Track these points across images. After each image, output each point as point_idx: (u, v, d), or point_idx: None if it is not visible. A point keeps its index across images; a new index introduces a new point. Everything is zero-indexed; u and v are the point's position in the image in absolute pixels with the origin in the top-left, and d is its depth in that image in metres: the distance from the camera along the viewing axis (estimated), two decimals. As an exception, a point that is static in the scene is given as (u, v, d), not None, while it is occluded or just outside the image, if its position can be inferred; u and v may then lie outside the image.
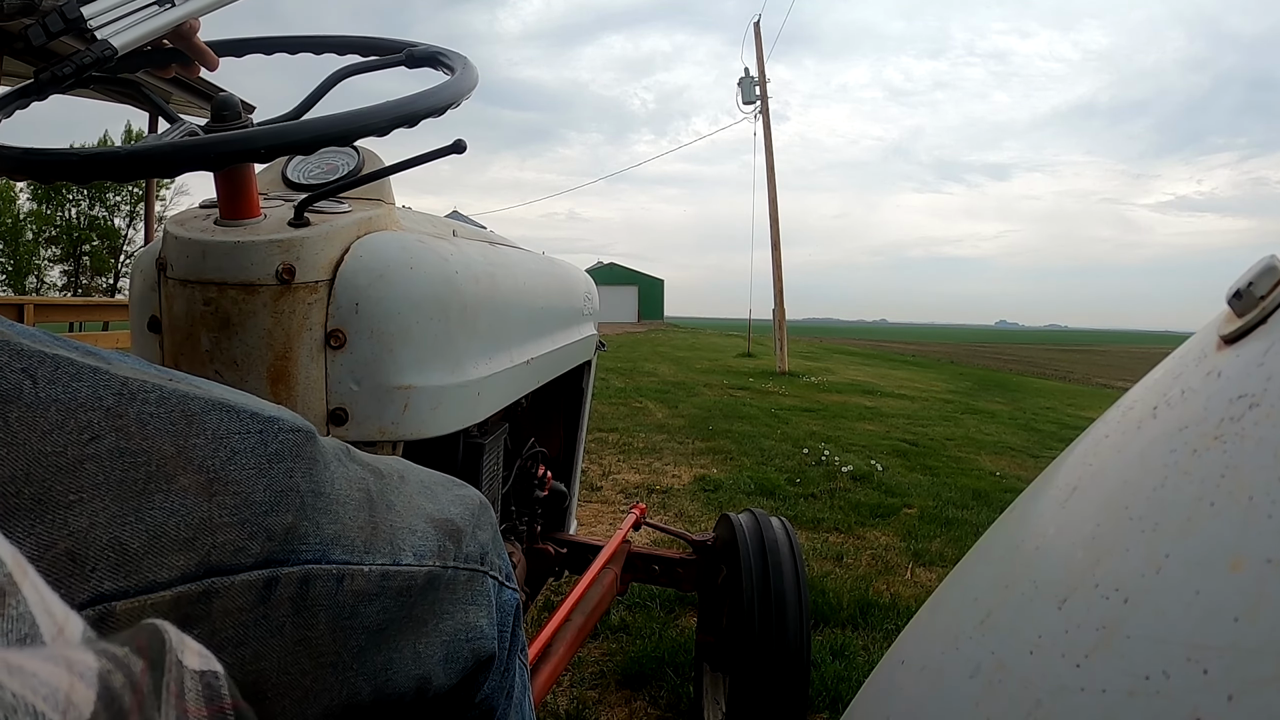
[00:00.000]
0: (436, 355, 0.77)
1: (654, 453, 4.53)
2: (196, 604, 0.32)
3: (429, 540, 0.48)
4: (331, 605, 0.40)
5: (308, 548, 0.38)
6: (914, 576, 2.63)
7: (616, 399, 6.96)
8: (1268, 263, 0.27)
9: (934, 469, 4.53)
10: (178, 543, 0.31)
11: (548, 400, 1.50)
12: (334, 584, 0.40)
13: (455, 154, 0.71)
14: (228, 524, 0.34)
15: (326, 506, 0.40)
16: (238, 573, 0.34)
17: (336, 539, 0.40)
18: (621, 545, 1.59)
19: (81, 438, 0.29)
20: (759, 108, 12.80)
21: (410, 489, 0.50)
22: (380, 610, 0.44)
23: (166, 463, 0.32)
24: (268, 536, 0.36)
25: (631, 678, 1.83)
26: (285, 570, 0.37)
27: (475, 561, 0.54)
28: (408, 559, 0.46)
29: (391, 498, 0.47)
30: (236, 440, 0.35)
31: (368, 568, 0.42)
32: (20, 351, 0.29)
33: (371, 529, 0.43)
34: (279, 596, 0.36)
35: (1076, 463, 0.32)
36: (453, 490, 0.56)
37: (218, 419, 0.35)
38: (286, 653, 0.37)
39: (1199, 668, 0.19)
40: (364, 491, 0.44)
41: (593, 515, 3.09)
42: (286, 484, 0.37)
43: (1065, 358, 33.27)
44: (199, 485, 0.33)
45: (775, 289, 12.68)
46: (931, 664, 0.31)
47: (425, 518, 0.49)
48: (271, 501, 0.36)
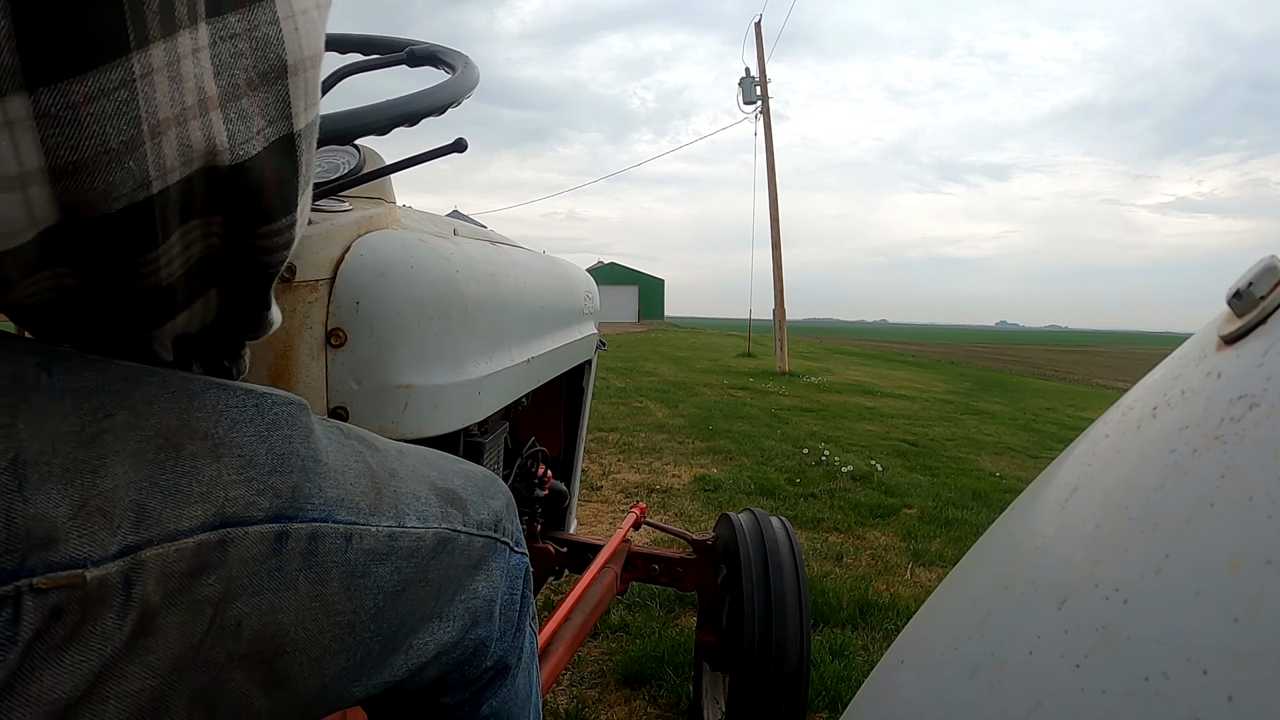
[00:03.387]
0: (437, 354, 0.77)
1: (654, 452, 4.54)
2: (214, 551, 0.35)
3: (432, 506, 0.51)
4: (342, 563, 0.43)
5: (313, 507, 0.41)
6: (913, 576, 2.64)
7: (617, 398, 6.96)
8: (1268, 263, 0.27)
9: (934, 469, 4.54)
10: (192, 498, 0.35)
11: (548, 399, 1.50)
12: (343, 542, 0.43)
13: (456, 153, 0.71)
14: (235, 481, 0.37)
15: (326, 472, 0.43)
16: (250, 524, 0.37)
17: (340, 501, 0.43)
18: (621, 545, 1.59)
19: (97, 416, 0.33)
20: (760, 108, 12.80)
21: (411, 460, 0.53)
22: (393, 571, 0.47)
23: (174, 434, 0.35)
24: (274, 494, 0.39)
25: (631, 677, 1.83)
26: (294, 525, 0.40)
27: (489, 528, 0.57)
28: (413, 521, 0.49)
29: (393, 466, 0.50)
30: (235, 412, 0.39)
31: (374, 528, 0.45)
32: (34, 349, 0.33)
33: (375, 494, 0.46)
34: (290, 550, 0.39)
35: (1076, 463, 0.32)
36: (454, 464, 0.59)
37: (215, 395, 0.38)
38: (302, 607, 0.41)
39: (1199, 668, 0.19)
40: (361, 462, 0.47)
41: (592, 514, 3.10)
42: (286, 449, 0.40)
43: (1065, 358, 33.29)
44: (206, 450, 0.36)
45: (776, 289, 12.69)
46: (931, 664, 0.31)
47: (428, 485, 0.52)
48: (274, 464, 0.39)
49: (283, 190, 0.37)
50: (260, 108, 0.34)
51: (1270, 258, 0.27)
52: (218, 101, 0.32)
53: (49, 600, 0.29)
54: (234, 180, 0.35)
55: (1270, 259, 0.27)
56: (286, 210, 0.38)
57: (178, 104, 0.31)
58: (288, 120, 0.36)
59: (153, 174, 0.31)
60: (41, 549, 0.29)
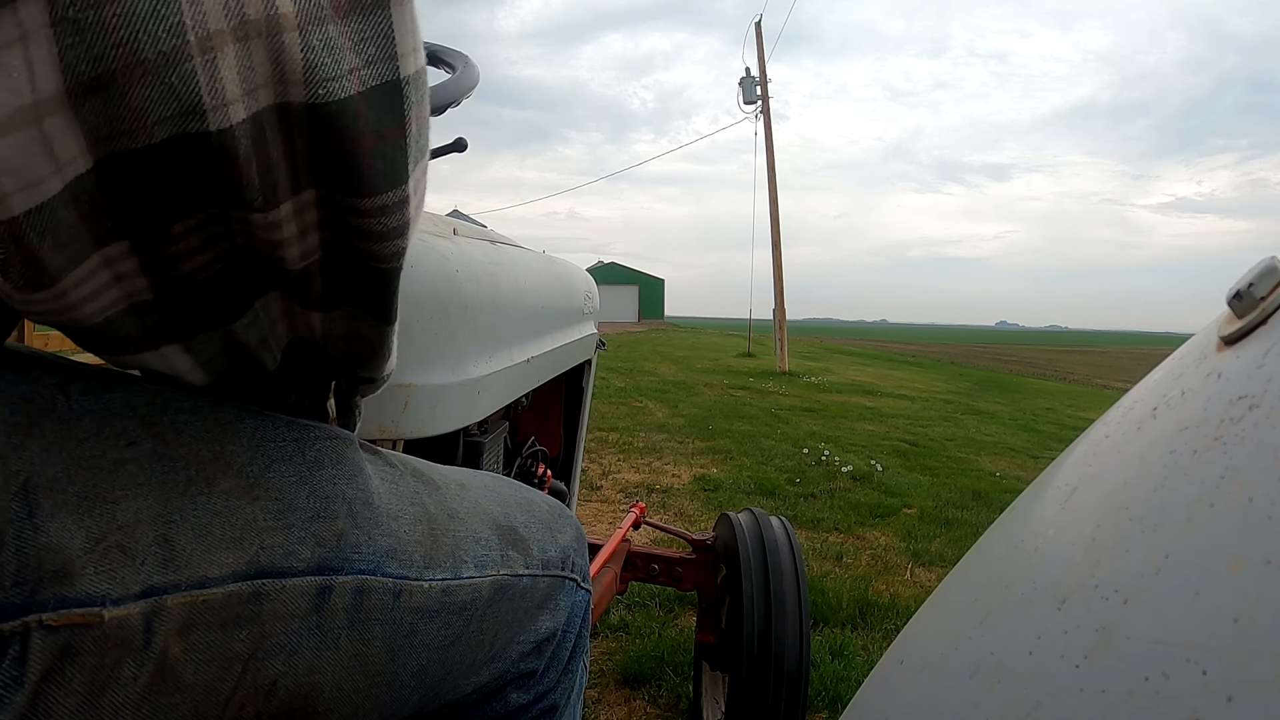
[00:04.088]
0: (437, 353, 0.76)
1: (654, 452, 4.54)
2: (247, 604, 0.32)
3: (492, 550, 0.46)
4: (389, 621, 0.38)
5: (360, 558, 0.37)
6: (913, 577, 2.64)
7: (616, 398, 6.96)
8: (1268, 264, 0.27)
9: (934, 469, 4.54)
10: (224, 541, 0.31)
11: (548, 399, 1.50)
12: (391, 599, 0.38)
13: (456, 153, 0.71)
14: (273, 527, 0.33)
15: (377, 518, 0.38)
16: (289, 576, 0.33)
17: (392, 552, 0.39)
18: (621, 544, 1.59)
19: (119, 442, 0.29)
20: (760, 107, 12.80)
21: (473, 495, 0.48)
22: (442, 627, 0.42)
23: (205, 466, 0.32)
24: (318, 543, 0.35)
25: (631, 677, 1.83)
26: (339, 579, 0.36)
27: (556, 566, 0.52)
28: (469, 571, 0.44)
29: (453, 505, 0.45)
30: (273, 447, 0.35)
31: (428, 583, 0.40)
32: (54, 367, 0.30)
33: (431, 542, 0.41)
34: (333, 606, 0.35)
35: (1076, 463, 0.32)
36: (520, 494, 0.54)
37: (252, 426, 0.35)
38: (342, 667, 0.37)
39: (1198, 669, 0.19)
40: (418, 505, 0.42)
41: (592, 514, 3.09)
42: (331, 491, 0.36)
43: (1065, 359, 33.29)
44: (240, 488, 0.32)
45: (776, 289, 12.68)
46: (931, 664, 0.31)
47: (490, 524, 0.47)
48: (317, 508, 0.35)
49: (386, 152, 0.29)
50: (353, 40, 0.27)
51: (1270, 259, 0.27)
52: (295, 21, 0.26)
53: (60, 639, 0.26)
54: (318, 128, 0.27)
55: (1270, 260, 0.27)
56: (394, 182, 0.30)
57: (235, 14, 0.24)
58: (391, 61, 0.28)
59: (206, 99, 0.24)
60: (54, 583, 0.26)
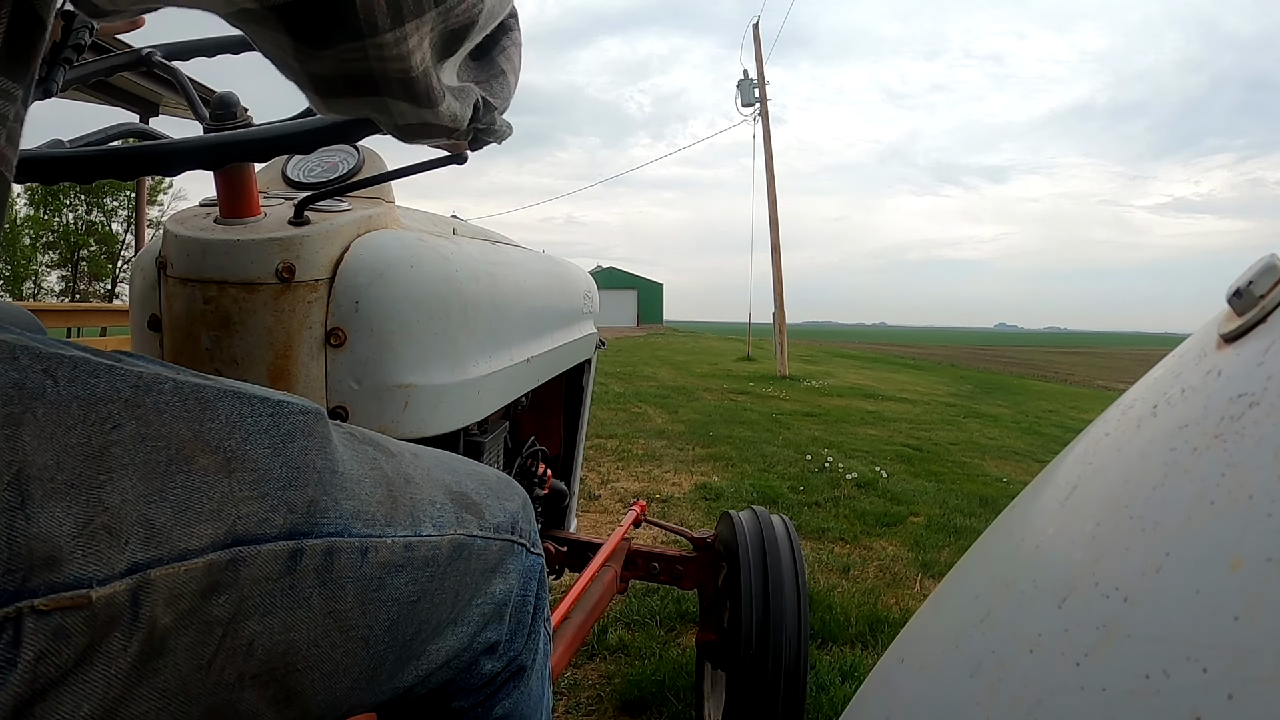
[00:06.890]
0: (437, 354, 0.77)
1: (653, 459, 4.50)
2: (226, 571, 0.35)
3: (447, 511, 0.50)
4: (358, 578, 0.42)
5: (329, 521, 0.40)
6: (923, 589, 2.52)
7: (615, 404, 6.95)
8: (1268, 262, 0.27)
9: (939, 475, 4.48)
10: (203, 515, 0.34)
11: (548, 399, 1.50)
12: (358, 556, 0.42)
13: (456, 164, 0.71)
14: (249, 497, 0.36)
15: (342, 484, 0.42)
16: (263, 543, 0.36)
17: (356, 513, 0.42)
18: (621, 543, 1.58)
19: (104, 427, 0.31)
20: (758, 110, 12.81)
21: (426, 464, 0.52)
22: (409, 581, 0.46)
23: (185, 446, 0.34)
24: (289, 509, 0.38)
25: (630, 703, 1.73)
26: (309, 542, 0.39)
27: (506, 531, 0.56)
28: (428, 530, 0.48)
29: (408, 471, 0.49)
30: (250, 423, 0.37)
31: (390, 539, 0.44)
32: (40, 354, 0.31)
33: (391, 503, 0.45)
34: (304, 567, 0.38)
35: (1076, 461, 0.32)
36: (468, 466, 0.59)
37: (230, 405, 0.37)
38: (315, 625, 0.40)
39: (1199, 666, 0.19)
40: (377, 470, 0.46)
41: (591, 524, 3.03)
42: (302, 461, 0.39)
43: (1065, 360, 33.30)
44: (217, 464, 0.35)
45: (775, 292, 12.69)
46: (931, 663, 0.31)
47: (444, 490, 0.51)
48: (289, 478, 0.38)
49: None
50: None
51: (1270, 256, 0.27)
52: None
53: (52, 622, 0.28)
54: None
55: (1270, 258, 0.27)
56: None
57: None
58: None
59: None
60: (44, 570, 0.28)
